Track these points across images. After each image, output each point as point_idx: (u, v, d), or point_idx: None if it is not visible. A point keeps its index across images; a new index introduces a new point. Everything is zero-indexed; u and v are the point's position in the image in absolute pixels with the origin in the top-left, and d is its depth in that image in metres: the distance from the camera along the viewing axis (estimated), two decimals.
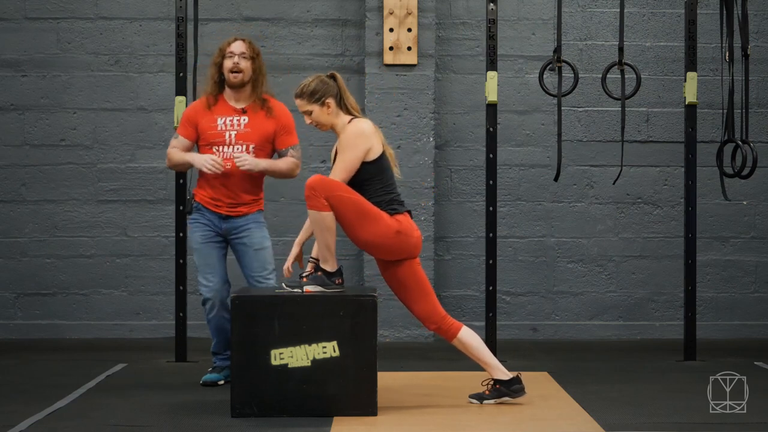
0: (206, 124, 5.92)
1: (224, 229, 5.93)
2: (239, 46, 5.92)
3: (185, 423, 5.03)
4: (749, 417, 5.08)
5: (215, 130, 5.89)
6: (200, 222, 5.96)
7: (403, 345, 7.61)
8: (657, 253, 8.01)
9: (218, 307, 5.91)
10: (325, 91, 5.23)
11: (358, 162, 5.17)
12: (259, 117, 5.91)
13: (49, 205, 7.91)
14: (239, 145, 5.86)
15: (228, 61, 5.90)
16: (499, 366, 5.35)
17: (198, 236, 5.96)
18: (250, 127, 5.88)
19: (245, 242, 5.92)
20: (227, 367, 5.96)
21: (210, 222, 5.94)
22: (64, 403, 5.45)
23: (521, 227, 7.99)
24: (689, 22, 6.87)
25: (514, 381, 5.34)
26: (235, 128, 5.88)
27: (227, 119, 5.90)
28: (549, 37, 7.73)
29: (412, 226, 5.24)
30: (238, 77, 5.89)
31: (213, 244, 5.95)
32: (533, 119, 7.99)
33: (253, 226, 5.94)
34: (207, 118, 5.92)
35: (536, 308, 8.00)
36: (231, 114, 5.91)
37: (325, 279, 5.21)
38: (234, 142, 5.87)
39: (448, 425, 4.97)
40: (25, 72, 7.91)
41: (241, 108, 5.92)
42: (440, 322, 5.30)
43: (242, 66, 5.89)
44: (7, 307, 7.90)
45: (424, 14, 7.76)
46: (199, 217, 5.97)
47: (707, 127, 7.90)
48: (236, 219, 5.91)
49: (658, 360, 6.95)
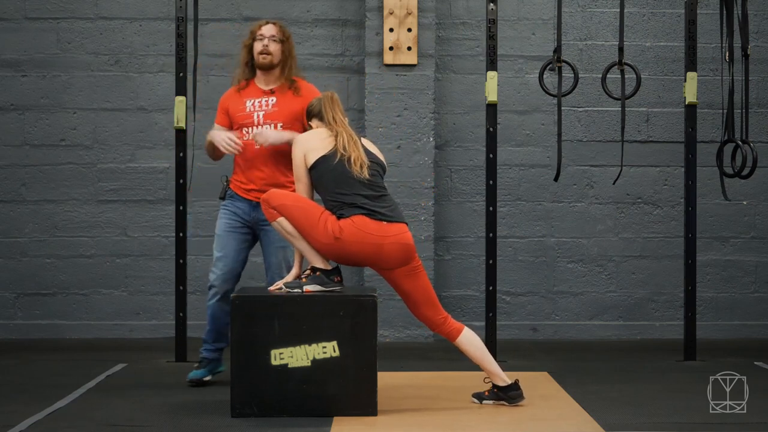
0: (235, 107, 5.95)
1: (253, 218, 5.91)
2: (270, 29, 5.97)
3: (185, 423, 5.03)
4: (749, 417, 5.09)
5: (243, 112, 5.91)
6: (229, 209, 5.96)
7: (403, 345, 7.61)
8: (657, 253, 8.01)
9: (220, 297, 5.91)
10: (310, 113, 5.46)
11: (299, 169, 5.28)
12: (287, 97, 5.93)
13: (49, 205, 7.91)
14: (267, 124, 5.87)
15: (258, 43, 5.94)
16: (498, 372, 5.34)
17: (223, 223, 5.96)
18: (277, 107, 5.90)
19: (270, 236, 5.89)
20: (214, 360, 5.97)
21: (240, 210, 5.93)
22: (64, 403, 5.46)
23: (521, 227, 8.00)
24: (689, 22, 6.87)
25: (512, 387, 5.34)
26: (263, 108, 5.91)
27: (255, 101, 5.93)
28: (549, 37, 7.73)
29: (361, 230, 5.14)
30: (267, 59, 5.92)
31: (235, 235, 5.94)
32: (533, 119, 7.99)
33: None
34: (236, 102, 5.96)
35: (536, 308, 8.00)
36: (259, 96, 5.94)
37: (324, 278, 5.21)
38: (262, 122, 5.88)
39: (448, 425, 4.97)
40: (25, 72, 7.91)
41: (270, 89, 5.94)
42: (441, 324, 5.31)
43: (272, 49, 5.93)
44: (7, 307, 7.90)
45: (424, 14, 7.76)
46: (229, 204, 5.96)
47: (707, 127, 7.90)
48: None
49: (658, 360, 6.95)
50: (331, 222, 5.15)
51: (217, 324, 5.96)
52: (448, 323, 5.31)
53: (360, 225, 5.14)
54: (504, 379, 5.34)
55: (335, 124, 5.33)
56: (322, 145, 5.26)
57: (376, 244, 5.14)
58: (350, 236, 5.12)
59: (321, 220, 5.15)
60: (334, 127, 5.32)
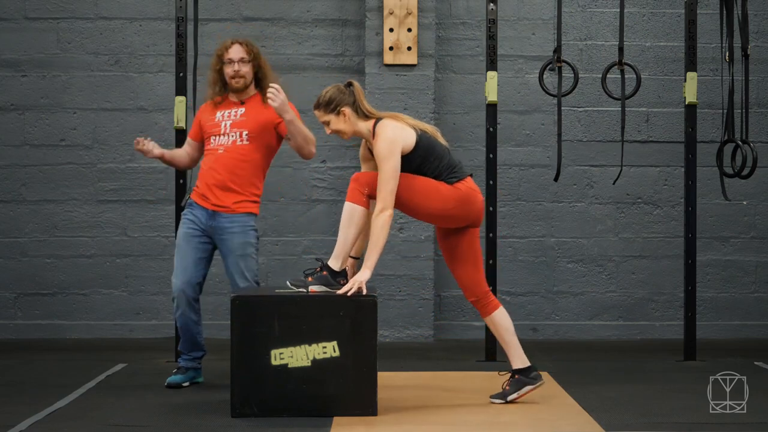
0: (206, 118, 5.95)
1: (210, 227, 5.85)
2: (237, 51, 5.88)
3: (185, 423, 5.03)
4: (749, 417, 5.08)
5: (213, 122, 5.90)
6: (188, 218, 5.91)
7: (403, 345, 7.61)
8: (657, 253, 8.01)
9: (184, 307, 5.84)
10: (341, 100, 5.25)
11: (398, 166, 5.16)
12: (257, 106, 5.89)
13: (49, 205, 7.91)
14: (233, 132, 5.84)
15: (228, 68, 5.87)
16: (520, 353, 5.41)
17: (181, 233, 5.90)
18: (245, 116, 5.87)
19: (227, 245, 5.83)
20: (192, 369, 5.96)
21: (197, 219, 5.87)
22: (64, 403, 5.45)
23: (521, 227, 8.00)
24: (689, 22, 6.87)
25: (531, 369, 5.41)
26: (231, 118, 5.88)
27: (226, 112, 5.91)
28: (549, 37, 7.73)
29: (473, 190, 5.28)
30: (240, 82, 5.89)
31: (193, 243, 5.86)
32: (533, 119, 7.99)
33: (238, 229, 5.83)
34: (208, 114, 5.96)
35: (536, 308, 8.00)
36: (231, 107, 5.93)
37: (330, 279, 5.21)
38: (228, 131, 5.85)
39: (448, 425, 4.97)
40: (25, 72, 7.91)
41: (240, 100, 5.93)
42: (481, 296, 5.38)
43: (243, 72, 5.88)
44: (7, 307, 7.90)
45: (424, 14, 7.76)
46: (188, 212, 5.92)
47: (707, 127, 7.90)
48: (223, 217, 5.83)
49: (658, 360, 6.95)
50: (445, 187, 5.22)
51: (188, 334, 5.91)
52: (488, 297, 5.40)
53: (470, 186, 5.30)
54: (524, 360, 5.41)
55: (373, 114, 5.30)
56: (407, 132, 5.23)
57: (480, 201, 5.31)
58: (467, 197, 5.25)
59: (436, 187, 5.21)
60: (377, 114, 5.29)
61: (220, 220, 5.84)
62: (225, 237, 5.83)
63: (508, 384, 5.40)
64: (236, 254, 5.83)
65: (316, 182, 7.98)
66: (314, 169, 7.90)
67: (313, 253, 7.76)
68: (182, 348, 5.99)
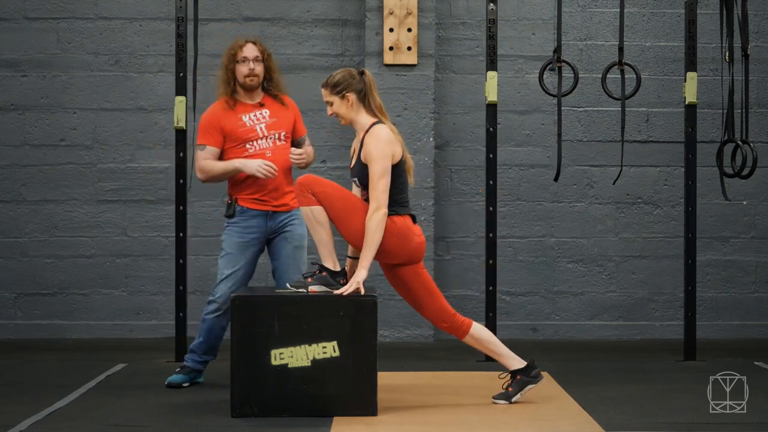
0: (232, 123, 5.87)
1: (270, 228, 5.89)
2: (252, 50, 5.91)
3: (185, 423, 5.03)
4: (749, 417, 5.09)
5: (245, 127, 5.87)
6: (240, 226, 5.88)
7: (403, 345, 7.61)
8: (657, 253, 8.01)
9: (222, 314, 5.86)
10: (348, 84, 5.27)
11: (389, 168, 5.18)
12: (277, 107, 5.95)
13: (49, 205, 7.91)
14: (271, 135, 5.89)
15: (243, 66, 5.88)
16: (513, 355, 5.41)
17: (234, 242, 5.87)
18: (275, 117, 5.92)
19: (287, 237, 5.89)
20: (195, 371, 5.96)
21: (253, 226, 5.87)
22: (64, 403, 5.46)
23: (521, 227, 8.00)
24: (689, 22, 6.87)
25: (530, 367, 5.40)
26: (262, 121, 5.90)
27: (251, 115, 5.90)
28: (549, 37, 7.73)
29: (408, 228, 5.23)
30: (254, 80, 5.90)
31: (248, 253, 5.88)
32: (533, 119, 7.99)
33: (297, 221, 5.91)
34: (231, 119, 5.88)
35: (536, 308, 8.00)
36: (251, 110, 5.92)
37: (330, 279, 5.21)
38: (266, 134, 5.88)
39: (448, 425, 4.97)
40: (25, 72, 7.91)
41: (258, 102, 5.94)
42: (450, 320, 5.35)
43: (257, 71, 5.90)
44: (7, 307, 7.90)
45: (424, 14, 7.76)
46: (240, 221, 5.88)
47: (707, 127, 7.90)
48: (283, 215, 5.90)
49: (658, 360, 6.95)
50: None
51: (210, 337, 5.92)
52: (457, 319, 5.37)
53: (408, 224, 5.25)
54: (520, 361, 5.40)
55: (381, 114, 5.31)
56: (397, 148, 5.24)
57: (417, 243, 5.25)
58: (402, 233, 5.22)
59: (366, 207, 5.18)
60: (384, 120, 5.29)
61: (279, 218, 5.91)
62: (287, 230, 5.91)
63: (510, 385, 5.39)
64: (294, 245, 5.91)
65: None
66: (314, 169, 7.89)
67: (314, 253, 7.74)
68: (196, 348, 5.96)
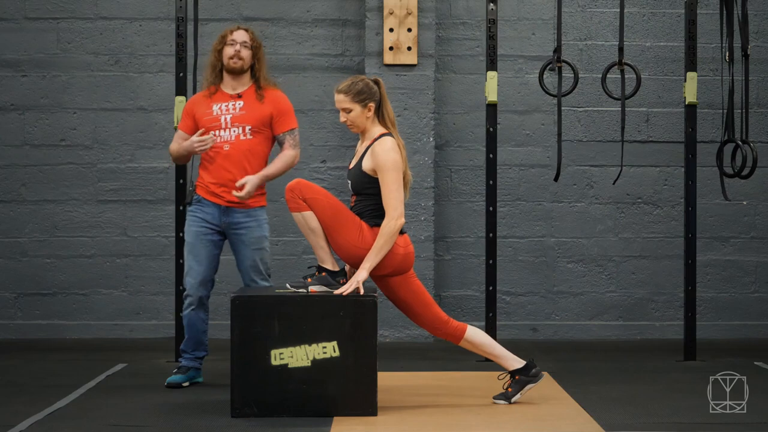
0: (202, 111, 5.91)
1: (225, 223, 5.88)
2: (242, 35, 5.93)
3: (185, 423, 5.03)
4: (749, 417, 5.08)
5: (210, 116, 5.88)
6: (197, 215, 5.91)
7: (403, 345, 7.61)
8: (657, 253, 8.01)
9: (197, 305, 5.89)
10: (371, 95, 5.25)
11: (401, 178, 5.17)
12: (252, 100, 5.91)
13: (49, 205, 7.91)
14: (235, 127, 5.85)
15: (229, 48, 5.90)
16: (511, 356, 5.40)
17: (192, 231, 5.91)
18: (245, 110, 5.87)
19: (243, 239, 5.88)
20: (193, 368, 5.97)
21: (208, 216, 5.88)
22: (64, 403, 5.45)
23: (521, 227, 8.00)
24: (689, 22, 6.87)
25: (529, 366, 5.38)
26: (230, 112, 5.88)
27: (223, 105, 5.89)
28: (549, 37, 7.74)
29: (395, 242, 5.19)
30: (238, 63, 5.88)
31: (206, 241, 5.89)
32: (533, 119, 7.99)
33: (254, 224, 5.89)
34: (203, 107, 5.92)
35: (536, 308, 8.00)
36: (227, 100, 5.91)
37: (330, 279, 5.21)
38: (230, 125, 5.85)
39: (448, 425, 4.97)
40: (25, 72, 7.91)
41: (237, 93, 5.93)
42: (444, 327, 5.33)
43: (243, 54, 5.90)
44: (7, 307, 7.90)
45: (424, 14, 7.76)
46: (197, 210, 5.91)
47: (707, 127, 7.90)
48: (238, 212, 5.86)
49: (658, 360, 6.95)
50: (366, 229, 5.17)
51: (194, 332, 5.93)
52: (451, 325, 5.34)
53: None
54: (519, 360, 5.39)
55: (393, 127, 5.29)
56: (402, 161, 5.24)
57: (402, 254, 5.21)
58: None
59: (356, 224, 5.17)
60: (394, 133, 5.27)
61: (234, 215, 5.87)
62: (241, 231, 5.87)
63: (510, 385, 5.39)
64: (252, 248, 5.88)
65: (316, 182, 7.96)
66: (314, 169, 7.89)
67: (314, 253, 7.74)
68: (185, 347, 5.99)
